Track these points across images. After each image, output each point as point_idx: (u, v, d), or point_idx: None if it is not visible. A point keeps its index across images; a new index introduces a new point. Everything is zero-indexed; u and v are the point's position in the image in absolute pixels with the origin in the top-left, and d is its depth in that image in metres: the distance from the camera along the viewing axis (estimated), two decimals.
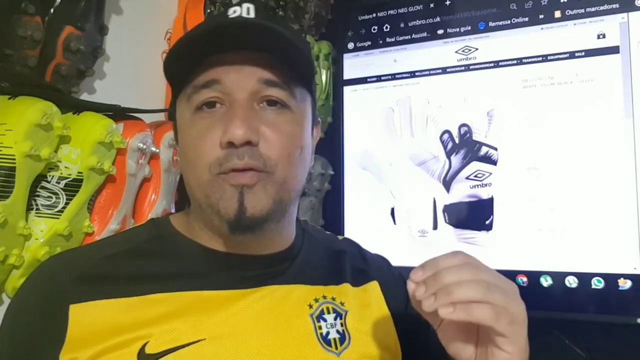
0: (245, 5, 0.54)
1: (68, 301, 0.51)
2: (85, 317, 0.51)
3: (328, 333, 0.58)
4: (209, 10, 0.99)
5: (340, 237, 0.74)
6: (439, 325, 0.51)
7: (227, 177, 0.52)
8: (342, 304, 0.61)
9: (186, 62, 0.54)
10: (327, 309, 0.60)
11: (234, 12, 0.54)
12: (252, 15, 0.53)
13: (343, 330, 0.59)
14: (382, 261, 0.74)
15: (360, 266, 0.68)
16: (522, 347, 0.49)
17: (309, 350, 0.56)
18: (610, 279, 1.08)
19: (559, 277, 1.11)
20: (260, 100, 0.54)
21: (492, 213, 1.18)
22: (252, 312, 0.55)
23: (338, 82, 1.38)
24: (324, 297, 0.61)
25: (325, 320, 0.58)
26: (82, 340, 0.50)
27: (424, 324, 0.64)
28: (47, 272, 0.56)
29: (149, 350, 0.50)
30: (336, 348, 0.57)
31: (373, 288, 0.67)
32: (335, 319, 0.59)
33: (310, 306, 0.59)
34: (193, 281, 0.55)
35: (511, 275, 1.15)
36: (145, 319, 0.51)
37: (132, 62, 0.95)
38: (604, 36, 1.13)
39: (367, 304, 0.64)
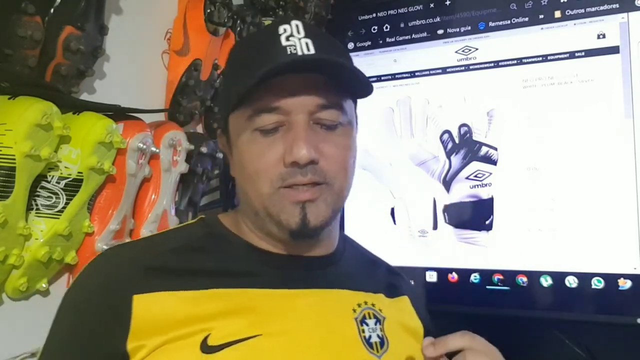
0: (294, 23, 0.57)
1: (131, 291, 0.54)
2: (149, 307, 0.53)
3: (370, 337, 0.61)
4: (209, 11, 0.99)
5: (373, 252, 0.79)
6: None
7: (288, 193, 0.57)
8: (380, 310, 0.65)
9: (246, 89, 0.56)
10: (369, 314, 0.63)
11: (284, 30, 0.57)
12: (302, 34, 0.57)
13: (382, 335, 0.62)
14: (407, 280, 0.79)
15: (391, 280, 0.73)
16: None
17: (355, 351, 0.59)
18: (610, 279, 1.08)
19: (559, 277, 1.11)
20: (316, 120, 0.58)
21: (492, 213, 1.18)
22: (303, 311, 0.58)
23: None
24: (365, 303, 0.64)
25: (367, 325, 0.62)
26: (147, 330, 0.53)
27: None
28: (110, 262, 0.59)
29: (210, 342, 0.53)
30: (377, 351, 0.61)
31: (405, 301, 0.71)
32: (375, 324, 0.63)
33: (354, 310, 0.62)
34: (249, 279, 0.59)
35: (511, 275, 1.15)
36: (207, 313, 0.54)
37: (132, 62, 0.94)
38: (604, 36, 1.13)
39: (401, 315, 0.68)
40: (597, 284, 1.09)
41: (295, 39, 0.56)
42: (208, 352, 0.52)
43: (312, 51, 0.56)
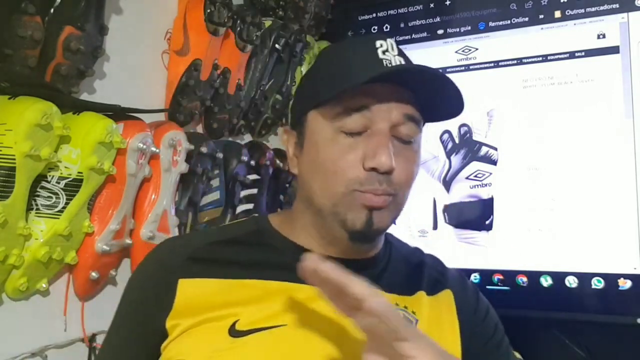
0: (389, 42, 0.60)
1: (178, 276, 0.60)
2: (191, 290, 0.59)
3: None
4: (209, 11, 0.99)
5: (426, 252, 0.79)
6: None
7: (363, 197, 0.58)
8: (413, 312, 0.65)
9: (345, 84, 0.58)
10: None
11: (380, 45, 0.59)
12: (395, 52, 0.60)
13: None
14: (459, 275, 0.78)
15: (436, 276, 0.73)
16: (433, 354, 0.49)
17: None
18: (610, 279, 1.08)
19: (559, 277, 1.11)
20: (396, 132, 0.59)
21: (492, 213, 1.18)
22: (330, 308, 0.57)
23: None
24: (397, 304, 0.64)
25: None
26: (185, 310, 0.58)
27: (503, 349, 0.70)
28: (164, 250, 0.66)
29: (238, 327, 0.57)
30: None
31: (447, 296, 0.71)
32: None
33: None
34: (282, 273, 0.61)
35: (511, 275, 1.15)
36: (238, 300, 0.59)
37: (132, 62, 0.94)
38: (604, 36, 1.13)
39: (438, 313, 0.68)
40: (597, 284, 1.09)
41: (390, 54, 0.60)
42: (235, 336, 0.57)
43: (394, 49, 0.60)
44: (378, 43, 0.60)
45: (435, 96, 0.61)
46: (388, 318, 0.46)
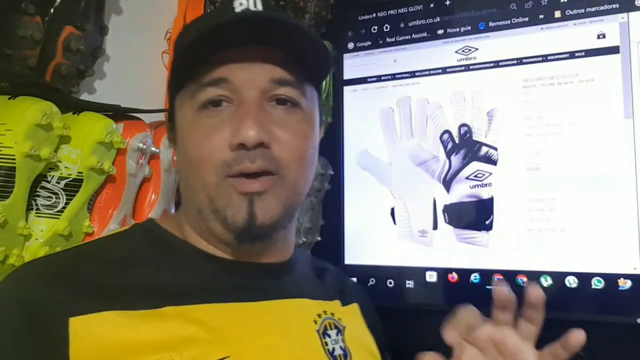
0: None
1: (67, 313, 0.45)
2: (91, 331, 0.45)
3: (334, 349, 0.56)
4: (208, 10, 0.99)
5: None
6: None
7: (236, 183, 0.50)
8: (339, 319, 0.60)
9: (190, 59, 0.51)
10: (330, 324, 0.58)
11: (240, 4, 0.51)
12: (259, 7, 0.51)
13: (345, 347, 0.58)
14: (359, 287, 0.75)
15: (341, 287, 0.68)
16: None
17: None
18: (610, 279, 1.08)
19: (559, 277, 1.11)
20: (271, 99, 0.52)
21: (492, 213, 1.18)
22: (268, 327, 0.53)
23: (338, 82, 1.38)
24: (325, 312, 0.59)
25: (329, 336, 0.57)
26: (91, 358, 0.44)
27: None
28: (32, 280, 0.49)
29: None
30: None
31: (355, 310, 0.66)
32: (337, 334, 0.58)
33: (315, 322, 0.57)
34: (204, 293, 0.52)
35: (511, 275, 1.15)
36: (163, 337, 0.47)
37: (132, 62, 0.94)
38: (604, 36, 1.13)
39: (354, 323, 0.63)
40: (597, 284, 1.09)
41: (248, 7, 0.51)
42: None
43: (260, 8, 0.50)
44: (237, 2, 0.51)
45: (303, 53, 0.52)
46: None
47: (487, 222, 1.19)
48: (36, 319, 0.45)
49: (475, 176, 1.21)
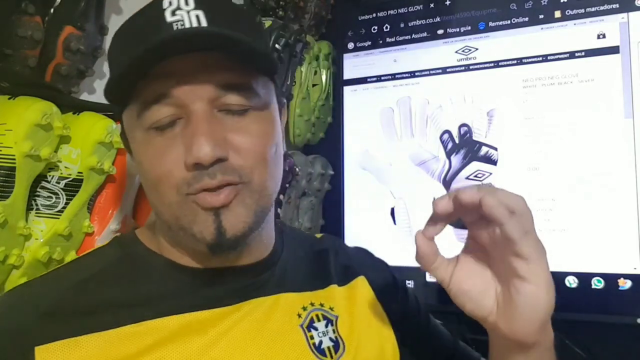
0: None
1: (32, 343, 0.45)
2: (59, 359, 0.44)
3: (321, 342, 0.54)
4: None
5: (318, 235, 0.70)
6: (449, 281, 0.49)
7: (198, 199, 0.47)
8: (331, 309, 0.58)
9: (130, 78, 0.47)
10: (317, 316, 0.56)
11: (169, 4, 0.46)
12: (190, 5, 0.46)
13: (336, 337, 0.56)
14: (364, 254, 0.70)
15: (344, 262, 0.65)
16: (547, 277, 0.45)
17: None
18: (610, 279, 1.08)
19: (559, 277, 1.11)
20: (220, 106, 0.48)
21: None
22: (240, 331, 0.51)
23: (338, 82, 1.38)
24: (312, 304, 0.57)
25: (316, 329, 0.55)
26: None
27: (422, 314, 0.63)
28: (4, 311, 0.49)
29: None
30: (331, 357, 0.54)
31: (361, 284, 0.63)
32: (326, 326, 0.56)
33: (299, 316, 0.55)
34: (171, 305, 0.50)
35: None
36: (128, 355, 0.46)
37: None
38: (604, 36, 1.13)
39: (356, 303, 0.61)
40: (597, 284, 1.09)
41: (183, 12, 0.46)
42: None
43: (204, 24, 0.46)
44: (166, 2, 0.46)
45: (246, 56, 0.48)
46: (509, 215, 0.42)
47: None
48: (4, 351, 0.45)
49: (475, 176, 1.21)
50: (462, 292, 0.48)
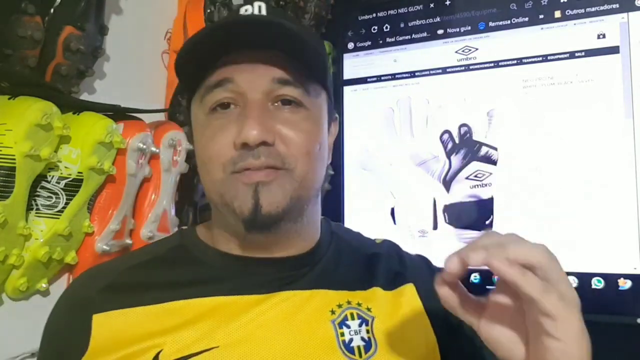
0: (256, 4, 0.54)
1: (92, 311, 0.53)
2: (108, 325, 0.52)
3: (351, 340, 0.55)
4: (208, 11, 0.99)
5: (378, 240, 0.72)
6: (477, 325, 0.47)
7: (241, 176, 0.52)
8: (368, 309, 0.58)
9: (198, 63, 0.54)
10: (352, 314, 0.57)
11: (245, 10, 0.54)
12: (263, 13, 0.54)
13: (369, 337, 0.56)
14: (421, 261, 0.71)
15: (396, 269, 0.65)
16: (578, 333, 0.43)
17: (329, 357, 0.53)
18: (610, 279, 1.08)
19: None
20: (275, 99, 0.54)
21: (492, 213, 1.18)
22: (268, 318, 0.53)
23: (338, 82, 1.38)
24: (349, 302, 0.58)
25: (348, 327, 0.56)
26: (103, 348, 0.51)
27: (467, 327, 0.62)
28: (75, 285, 0.60)
29: (162, 358, 0.50)
30: (360, 356, 0.54)
31: (408, 290, 0.63)
32: (360, 325, 0.56)
33: (333, 312, 0.56)
34: (209, 287, 0.55)
35: None
36: (161, 328, 0.52)
37: (132, 62, 0.94)
38: (604, 36, 1.13)
39: (399, 308, 0.61)
40: (597, 284, 1.09)
41: (252, 12, 0.54)
42: None
43: (264, 13, 0.54)
44: (243, 9, 0.54)
45: (304, 54, 0.54)
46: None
47: (487, 222, 1.19)
48: (70, 315, 0.56)
49: (475, 176, 1.21)
50: (492, 339, 0.46)
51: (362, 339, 0.56)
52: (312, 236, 0.62)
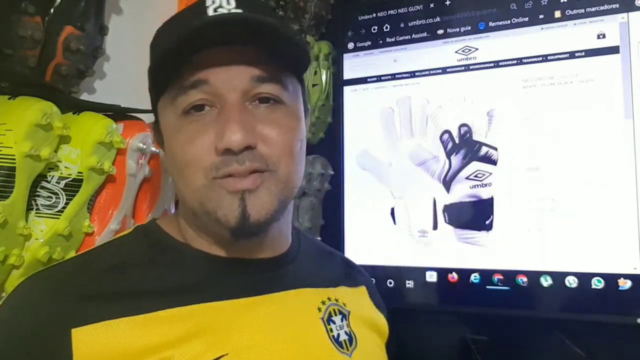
0: None
1: (69, 324, 0.46)
2: (93, 341, 0.46)
3: (339, 335, 0.57)
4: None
5: (319, 239, 0.76)
6: None
7: (224, 183, 0.49)
8: (344, 305, 0.61)
9: (169, 64, 0.51)
10: (334, 311, 0.59)
11: (212, 2, 0.50)
12: (232, 4, 0.50)
13: (350, 332, 0.59)
14: (363, 270, 0.75)
15: (348, 270, 0.69)
16: None
17: (327, 353, 0.55)
18: (610, 279, 1.08)
19: (559, 277, 1.11)
20: (253, 98, 0.51)
21: (492, 213, 1.18)
22: (268, 320, 0.53)
23: (338, 82, 1.38)
24: (329, 299, 0.60)
25: (334, 323, 0.58)
26: None
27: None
28: (38, 294, 0.50)
29: None
30: (347, 349, 0.57)
31: (363, 292, 0.68)
32: (342, 320, 0.59)
33: (319, 309, 0.58)
34: (202, 292, 0.52)
35: (511, 275, 1.15)
36: (164, 339, 0.48)
37: (132, 62, 0.94)
38: (604, 36, 1.13)
39: (362, 307, 0.64)
40: (597, 284, 1.09)
41: (224, 9, 0.50)
42: None
43: (233, 5, 0.50)
44: (209, 0, 0.50)
45: (281, 49, 0.51)
46: None
47: (487, 222, 1.19)
48: (39, 333, 0.47)
49: (475, 176, 1.21)
50: None
51: (346, 333, 0.58)
52: (289, 233, 0.62)
